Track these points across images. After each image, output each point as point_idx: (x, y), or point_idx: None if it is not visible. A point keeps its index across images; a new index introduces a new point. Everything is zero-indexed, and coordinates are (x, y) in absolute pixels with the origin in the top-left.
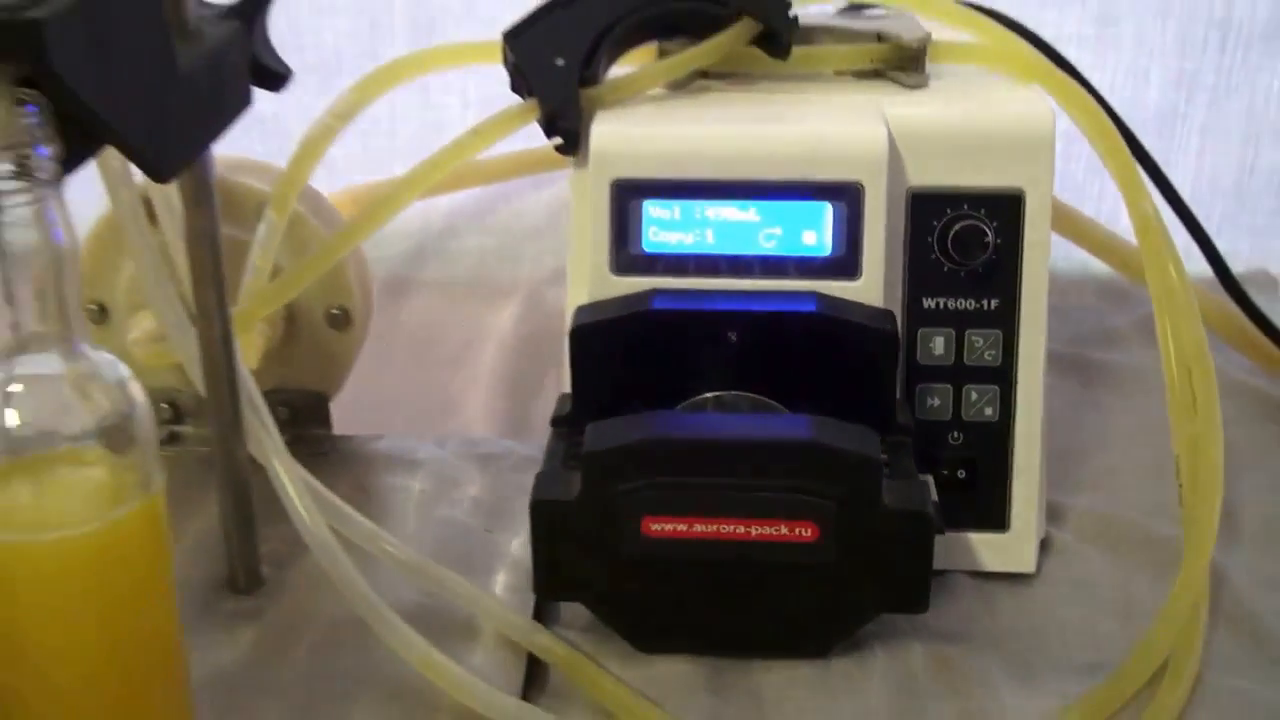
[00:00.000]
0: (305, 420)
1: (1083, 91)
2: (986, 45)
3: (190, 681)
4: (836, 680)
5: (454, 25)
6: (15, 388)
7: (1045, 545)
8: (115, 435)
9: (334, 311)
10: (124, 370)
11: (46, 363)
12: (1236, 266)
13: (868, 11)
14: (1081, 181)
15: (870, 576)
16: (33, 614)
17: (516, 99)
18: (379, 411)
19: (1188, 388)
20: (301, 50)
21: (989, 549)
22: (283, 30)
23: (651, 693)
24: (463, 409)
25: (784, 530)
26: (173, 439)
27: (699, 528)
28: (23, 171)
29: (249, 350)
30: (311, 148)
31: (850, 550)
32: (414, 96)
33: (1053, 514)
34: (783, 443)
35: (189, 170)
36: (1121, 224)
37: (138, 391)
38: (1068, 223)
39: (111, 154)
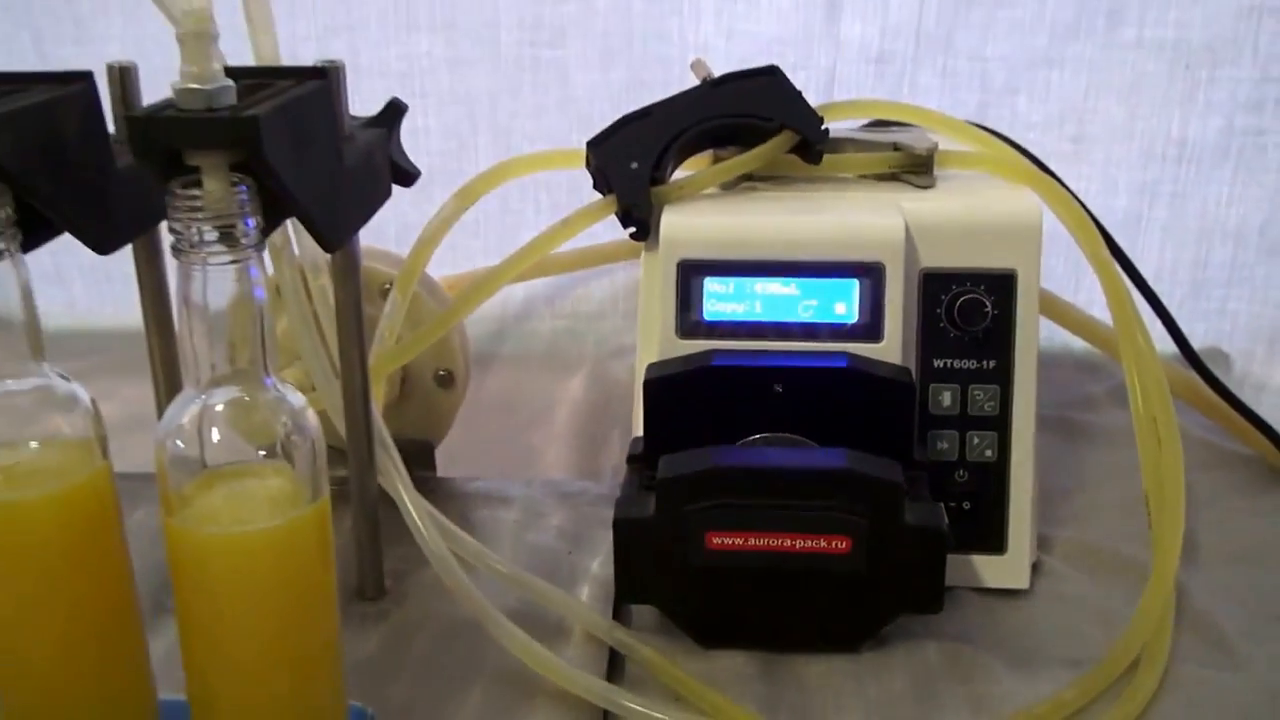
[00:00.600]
0: (414, 464)
1: (1065, 192)
2: (985, 154)
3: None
4: (866, 670)
5: (527, 144)
6: (218, 409)
7: (1036, 567)
8: (293, 452)
9: (441, 373)
10: (301, 400)
11: (242, 393)
12: (1194, 344)
13: (885, 127)
14: (1062, 275)
15: (894, 582)
16: (225, 594)
17: (585, 199)
18: (473, 461)
19: (1154, 434)
20: None
21: (989, 568)
22: None
23: (712, 682)
24: (542, 459)
25: (823, 543)
26: None
27: (753, 541)
28: (230, 240)
29: (375, 402)
30: (429, 241)
31: (878, 560)
32: (495, 204)
33: (1042, 542)
34: (822, 471)
35: (341, 249)
36: (1096, 310)
37: (311, 418)
38: (1052, 306)
39: (276, 231)
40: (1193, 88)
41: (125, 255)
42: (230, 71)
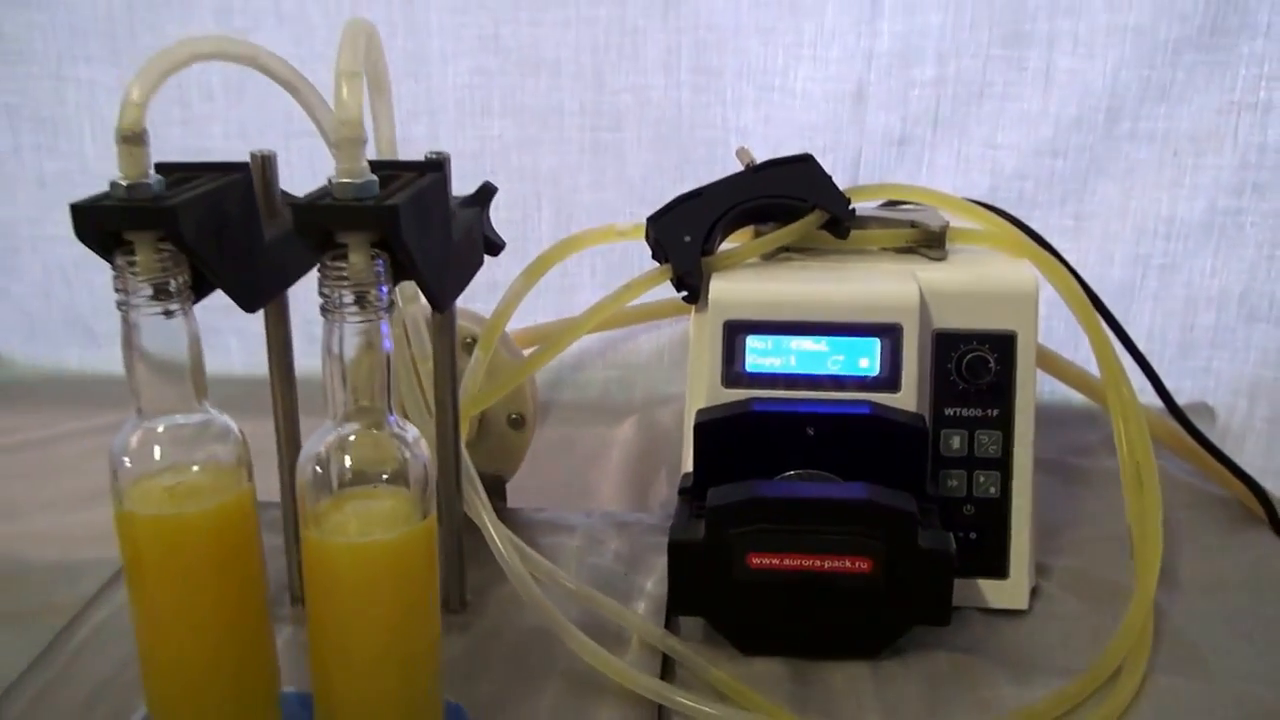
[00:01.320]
0: (490, 495)
1: (1058, 263)
2: (989, 231)
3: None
4: (884, 676)
5: (586, 217)
6: (350, 439)
7: (1035, 591)
8: (408, 477)
9: (513, 416)
10: (417, 434)
11: (369, 427)
12: (1180, 399)
13: (903, 206)
14: (1063, 336)
15: (908, 598)
16: (350, 596)
17: (633, 265)
18: (538, 494)
19: (1137, 475)
20: None
21: (993, 591)
22: None
23: (750, 683)
24: (598, 493)
25: (847, 564)
26: None
27: (787, 561)
28: (365, 303)
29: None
30: (509, 303)
31: (894, 579)
32: (555, 269)
33: (1041, 570)
34: (847, 501)
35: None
36: (1091, 366)
37: (424, 449)
38: (1052, 363)
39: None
40: (1180, 173)
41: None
42: (378, 165)
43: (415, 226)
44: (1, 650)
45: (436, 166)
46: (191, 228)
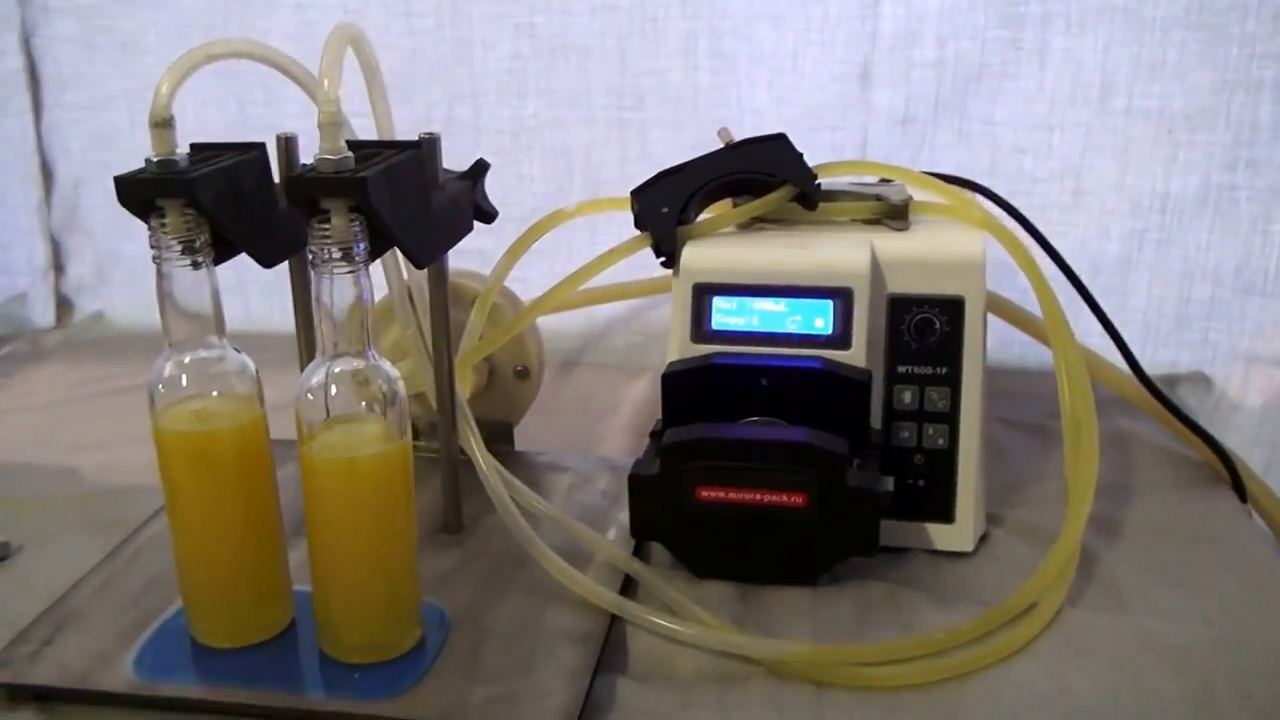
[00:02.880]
0: (497, 439)
1: (1010, 233)
2: (948, 203)
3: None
4: (821, 600)
5: (613, 189)
6: (336, 372)
7: (985, 538)
8: (386, 406)
9: (518, 368)
10: (394, 371)
11: (352, 364)
12: (1179, 370)
13: (872, 181)
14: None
15: (840, 530)
16: (337, 502)
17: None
18: (552, 443)
19: (1077, 434)
20: (509, 205)
21: (940, 534)
22: (500, 193)
23: (700, 602)
24: (605, 443)
25: (784, 498)
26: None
27: (732, 495)
28: (348, 257)
29: (465, 386)
30: (504, 267)
31: (827, 513)
32: (585, 238)
33: (994, 520)
34: (784, 442)
35: (436, 266)
36: (1093, 338)
37: (401, 384)
38: (1009, 312)
39: (389, 260)
40: (1175, 150)
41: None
42: (357, 144)
43: (386, 194)
44: (85, 551)
45: (414, 145)
46: (209, 195)
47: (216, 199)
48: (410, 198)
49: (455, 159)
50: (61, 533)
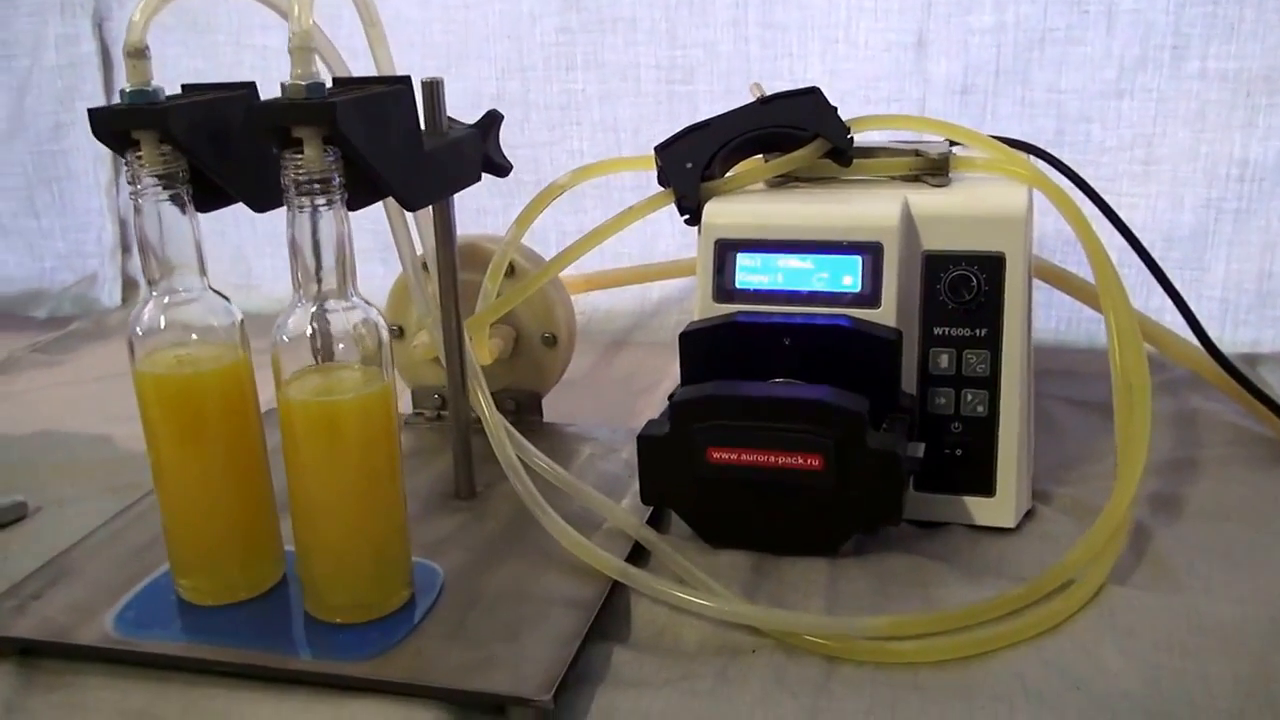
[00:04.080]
0: (526, 410)
1: (1057, 187)
2: (992, 158)
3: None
4: (839, 571)
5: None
6: (314, 310)
7: (1030, 515)
8: (368, 348)
9: (546, 336)
10: (375, 312)
11: (331, 305)
12: (1261, 350)
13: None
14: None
15: (860, 496)
16: (318, 452)
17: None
18: (592, 418)
19: (1128, 396)
20: (538, 170)
21: (980, 509)
22: (551, 169)
23: (713, 573)
24: (641, 417)
25: (800, 460)
26: (439, 417)
27: (744, 457)
28: (318, 190)
29: (482, 350)
30: (521, 224)
31: (845, 477)
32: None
33: (1043, 497)
34: (799, 400)
35: (441, 217)
36: (1166, 317)
37: (383, 326)
38: (1062, 280)
39: (402, 237)
40: (1253, 114)
41: None
42: (343, 80)
43: (362, 126)
44: (100, 514)
45: (402, 80)
46: (183, 127)
47: (192, 132)
48: (393, 133)
49: (505, 133)
50: (80, 496)
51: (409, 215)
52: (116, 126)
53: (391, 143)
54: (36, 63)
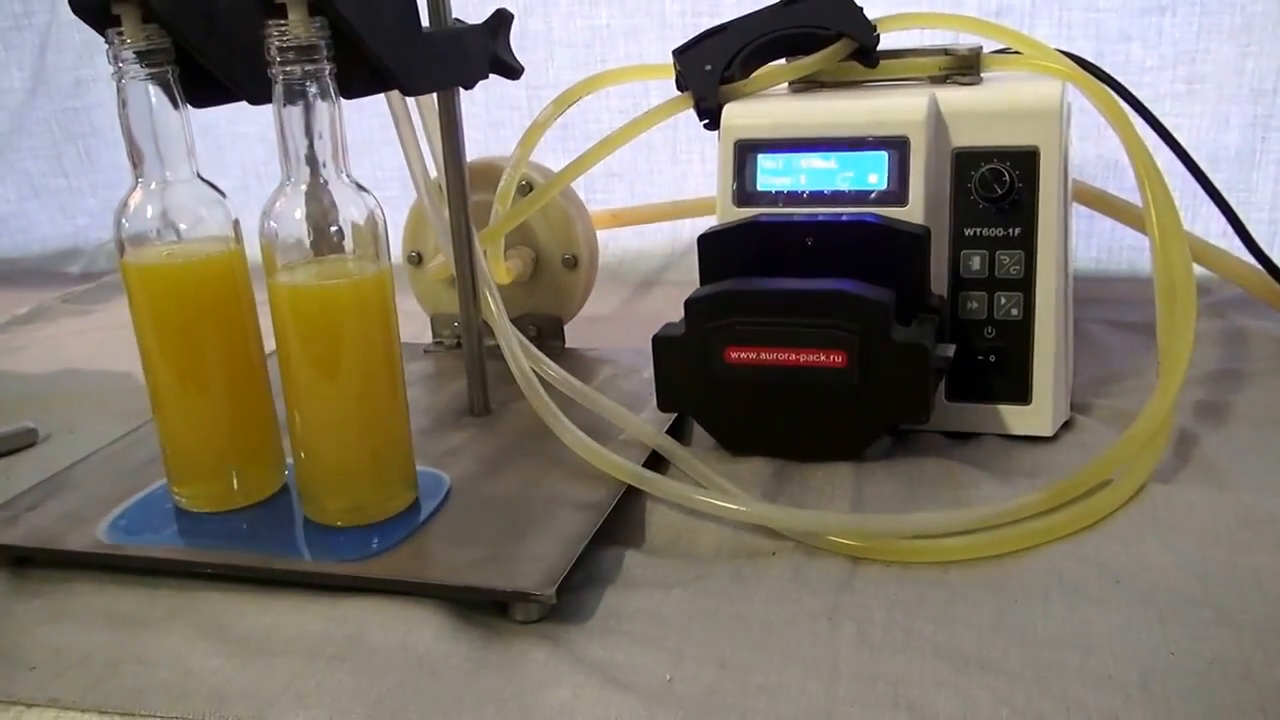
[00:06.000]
0: (548, 335)
1: (1096, 82)
2: (1028, 55)
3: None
4: (865, 476)
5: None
6: (303, 191)
7: (1068, 424)
8: (362, 230)
9: (566, 257)
10: (370, 196)
11: (323, 182)
12: None
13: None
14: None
15: (886, 394)
16: (311, 339)
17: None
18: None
19: (1171, 293)
20: (585, 122)
21: (1016, 417)
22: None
23: (732, 479)
24: None
25: (822, 357)
26: (458, 344)
27: (763, 355)
28: (306, 59)
29: (498, 267)
30: (531, 136)
31: (870, 373)
32: (666, 155)
33: (1083, 408)
34: (818, 292)
35: (446, 109)
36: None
37: (379, 211)
38: (1101, 201)
39: (413, 154)
40: None
41: None
42: None
43: None
44: (111, 435)
45: None
46: (166, 2)
47: (175, 8)
48: (389, 8)
49: (530, 74)
50: (92, 423)
51: (420, 135)
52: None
53: (384, 15)
54: (55, 18)
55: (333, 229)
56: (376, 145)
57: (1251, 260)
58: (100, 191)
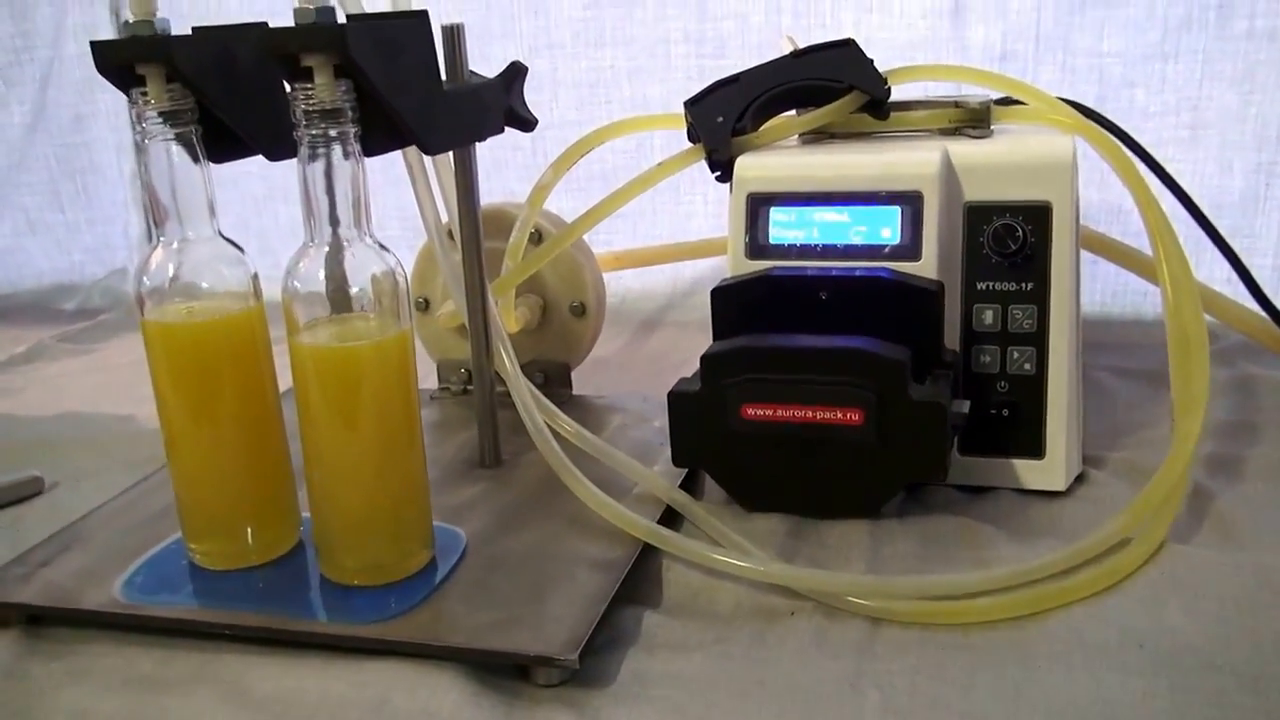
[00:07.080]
0: (555, 382)
1: (1107, 135)
2: (1036, 107)
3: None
4: (881, 534)
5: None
6: (326, 253)
7: (1081, 478)
8: (384, 290)
9: (574, 305)
10: (392, 256)
11: (345, 247)
12: None
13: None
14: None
15: (903, 452)
16: (331, 400)
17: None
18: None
19: (1185, 348)
20: (590, 161)
21: (1029, 472)
22: (556, 139)
23: (748, 536)
24: None
25: (839, 415)
26: (465, 391)
27: (780, 412)
28: (335, 123)
29: (508, 316)
30: (536, 198)
31: (887, 432)
32: (668, 197)
33: (1095, 461)
34: (835, 350)
35: (462, 168)
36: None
37: (400, 271)
38: (1109, 249)
39: (426, 201)
40: None
41: None
42: (357, 16)
43: (376, 55)
44: (119, 486)
45: (418, 14)
46: (190, 63)
47: (200, 69)
48: (409, 66)
49: (534, 113)
50: (99, 471)
51: (432, 179)
52: (120, 59)
53: (407, 76)
54: (57, 53)
55: (354, 289)
56: (378, 186)
57: (1256, 307)
58: (97, 227)
